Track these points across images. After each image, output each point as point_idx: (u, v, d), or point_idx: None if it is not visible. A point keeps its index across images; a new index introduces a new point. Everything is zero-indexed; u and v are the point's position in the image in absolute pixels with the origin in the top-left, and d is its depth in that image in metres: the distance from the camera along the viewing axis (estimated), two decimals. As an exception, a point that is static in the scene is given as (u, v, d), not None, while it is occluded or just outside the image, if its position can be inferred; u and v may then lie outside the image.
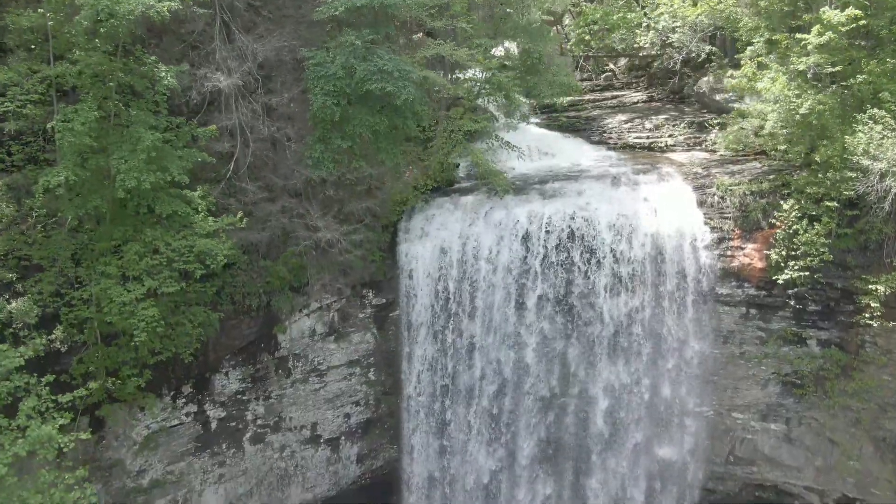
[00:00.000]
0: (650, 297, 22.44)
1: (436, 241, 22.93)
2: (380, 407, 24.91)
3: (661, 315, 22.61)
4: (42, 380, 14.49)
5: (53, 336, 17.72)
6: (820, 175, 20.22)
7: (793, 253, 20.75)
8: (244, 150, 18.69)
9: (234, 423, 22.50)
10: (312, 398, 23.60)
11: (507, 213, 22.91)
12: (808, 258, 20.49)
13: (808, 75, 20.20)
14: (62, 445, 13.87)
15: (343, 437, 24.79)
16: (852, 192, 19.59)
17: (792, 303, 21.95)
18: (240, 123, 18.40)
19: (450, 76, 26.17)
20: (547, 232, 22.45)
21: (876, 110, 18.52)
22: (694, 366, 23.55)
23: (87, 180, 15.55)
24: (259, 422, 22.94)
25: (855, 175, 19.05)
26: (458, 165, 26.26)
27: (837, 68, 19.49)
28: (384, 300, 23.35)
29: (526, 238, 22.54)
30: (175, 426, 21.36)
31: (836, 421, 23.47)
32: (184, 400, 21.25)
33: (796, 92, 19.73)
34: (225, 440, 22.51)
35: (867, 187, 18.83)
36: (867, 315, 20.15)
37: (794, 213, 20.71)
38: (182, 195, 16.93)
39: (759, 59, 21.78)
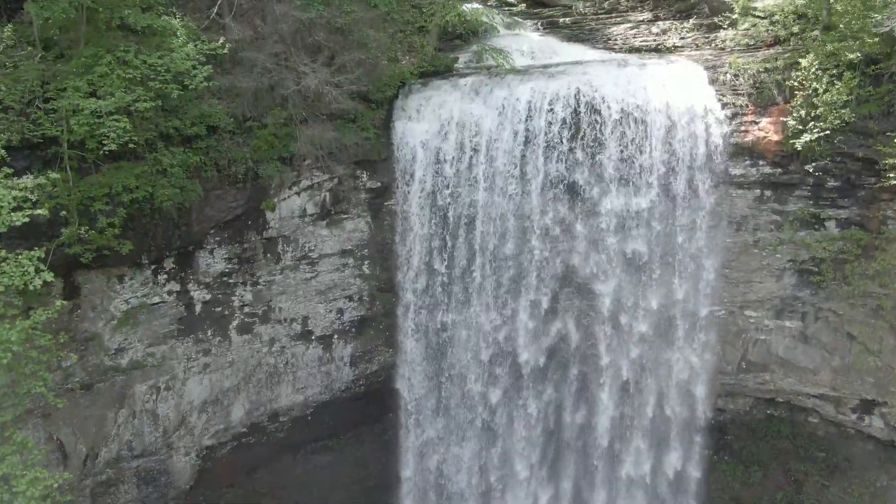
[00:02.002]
0: (659, 176, 21.25)
1: (433, 119, 21.78)
2: (374, 304, 23.69)
3: (671, 195, 21.42)
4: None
5: (22, 185, 16.51)
6: (842, 27, 19.10)
7: (813, 114, 19.60)
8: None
9: (219, 309, 21.29)
10: (303, 288, 22.39)
11: (508, 92, 21.76)
12: (830, 119, 19.33)
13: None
14: (15, 221, 12.66)
15: (336, 336, 23.57)
16: (876, 42, 18.44)
17: (810, 178, 20.78)
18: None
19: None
20: (551, 108, 21.29)
21: (904, -60, 17.47)
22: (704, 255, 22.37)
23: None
24: (246, 309, 21.73)
25: (879, 18, 17.95)
26: (456, 60, 25.30)
27: None
28: (379, 183, 22.15)
29: (529, 115, 21.38)
30: (156, 304, 20.16)
31: (856, 311, 22.28)
32: (165, 276, 20.05)
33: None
34: (210, 326, 21.30)
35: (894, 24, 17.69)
36: (892, 176, 18.96)
37: (813, 70, 19.57)
38: (160, 19, 15.79)
39: None
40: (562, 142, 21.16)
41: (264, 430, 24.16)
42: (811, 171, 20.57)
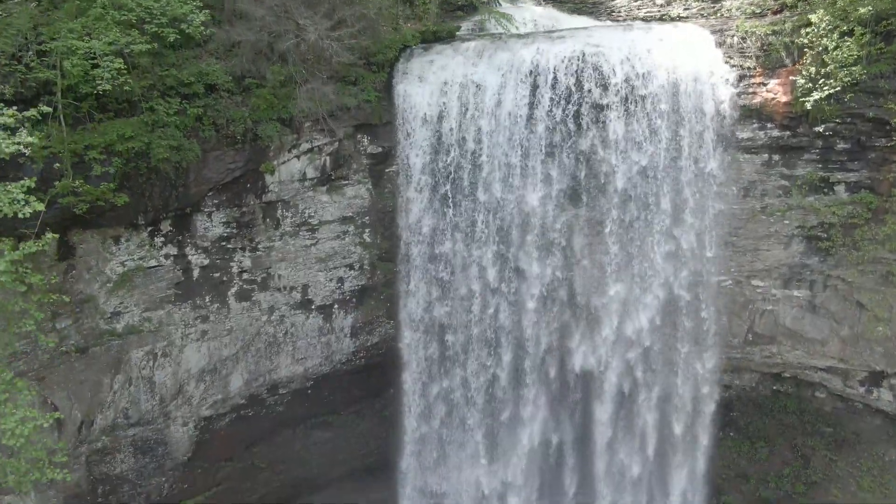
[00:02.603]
0: (666, 140, 20.86)
1: (435, 83, 21.34)
2: (375, 273, 23.28)
3: (677, 159, 21.03)
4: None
5: (18, 141, 16.10)
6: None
7: (823, 72, 19.23)
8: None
9: (218, 274, 20.89)
10: (303, 256, 21.98)
11: (512, 55, 21.36)
12: (840, 76, 18.93)
13: None
14: (5, 150, 12.24)
15: (336, 306, 23.16)
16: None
17: (820, 140, 20.39)
18: None
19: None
20: (555, 71, 20.88)
21: None
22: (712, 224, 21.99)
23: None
24: (245, 276, 21.32)
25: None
26: (459, 28, 24.98)
27: None
28: (380, 148, 21.73)
29: (533, 78, 20.97)
30: (153, 267, 19.76)
31: (865, 278, 21.90)
32: (162, 238, 19.65)
33: None
34: (208, 292, 20.90)
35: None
36: (904, 131, 18.60)
37: (823, 26, 19.18)
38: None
39: None
40: (566, 104, 20.73)
41: (263, 402, 23.76)
42: (820, 132, 20.17)
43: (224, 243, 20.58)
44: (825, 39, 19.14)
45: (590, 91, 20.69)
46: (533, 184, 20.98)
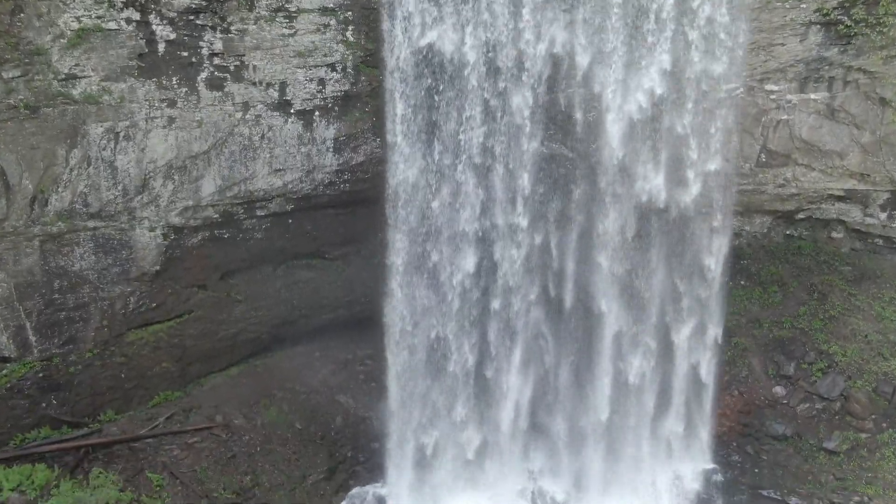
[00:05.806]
0: None
1: None
2: (360, 79, 21.56)
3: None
4: None
5: None
6: None
7: None
8: None
9: (186, 54, 19.18)
10: (280, 46, 20.26)
11: None
12: None
13: None
14: None
15: (317, 112, 21.42)
16: None
17: None
18: None
19: None
20: None
21: None
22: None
23: None
24: (216, 61, 19.61)
25: None
26: None
27: None
28: (363, -73, 20.11)
29: None
30: (113, 31, 18.05)
31: (889, 66, 20.36)
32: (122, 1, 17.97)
33: None
34: (176, 73, 19.19)
35: None
36: None
37: None
38: None
39: None
40: None
41: (240, 224, 22.04)
42: None
43: (192, 17, 18.89)
44: None
45: None
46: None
